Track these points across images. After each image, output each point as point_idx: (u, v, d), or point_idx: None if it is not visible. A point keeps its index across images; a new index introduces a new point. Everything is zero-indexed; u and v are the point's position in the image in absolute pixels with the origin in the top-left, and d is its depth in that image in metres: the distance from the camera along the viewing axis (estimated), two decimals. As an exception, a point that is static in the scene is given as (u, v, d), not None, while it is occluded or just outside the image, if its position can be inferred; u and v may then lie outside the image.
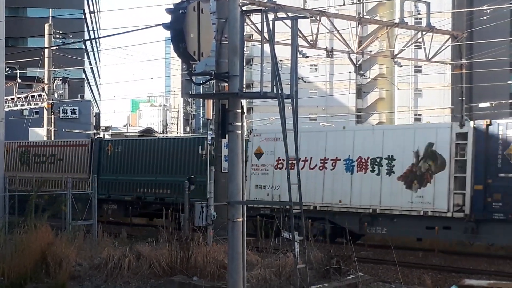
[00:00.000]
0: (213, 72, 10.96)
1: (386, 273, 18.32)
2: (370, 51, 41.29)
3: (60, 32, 44.49)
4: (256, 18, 24.89)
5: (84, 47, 73.57)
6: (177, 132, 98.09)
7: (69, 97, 57.69)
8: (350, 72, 55.76)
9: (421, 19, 45.77)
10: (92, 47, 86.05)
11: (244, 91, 10.21)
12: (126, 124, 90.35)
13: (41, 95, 43.82)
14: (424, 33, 30.26)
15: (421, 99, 71.92)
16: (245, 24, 20.58)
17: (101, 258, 15.31)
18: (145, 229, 28.34)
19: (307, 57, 28.15)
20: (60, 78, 48.48)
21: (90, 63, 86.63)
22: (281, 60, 20.99)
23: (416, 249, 22.86)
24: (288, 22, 10.70)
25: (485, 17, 43.25)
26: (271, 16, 10.36)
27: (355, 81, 70.51)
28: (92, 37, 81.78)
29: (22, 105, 45.17)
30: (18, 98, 44.86)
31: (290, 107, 10.06)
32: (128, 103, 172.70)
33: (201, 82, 11.22)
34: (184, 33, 9.25)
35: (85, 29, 76.23)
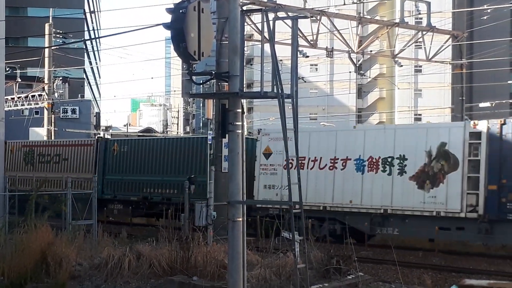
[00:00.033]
0: (213, 72, 10.96)
1: (386, 273, 18.31)
2: (371, 51, 41.27)
3: (61, 31, 44.44)
4: (257, 17, 24.94)
5: (84, 47, 73.53)
6: (177, 132, 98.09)
7: (69, 96, 57.66)
8: (350, 72, 55.78)
9: (421, 18, 45.80)
10: (93, 47, 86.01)
11: (244, 90, 10.21)
12: (126, 124, 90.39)
13: (41, 95, 43.80)
14: (424, 33, 30.30)
15: (421, 99, 71.89)
16: (246, 23, 20.57)
17: (101, 258, 15.31)
18: (145, 229, 28.32)
19: (308, 56, 28.15)
20: (60, 78, 48.46)
21: (90, 63, 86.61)
22: (281, 60, 20.95)
23: (416, 249, 22.82)
24: (289, 21, 10.71)
25: (485, 17, 43.24)
26: (271, 15, 10.36)
27: (355, 80, 70.46)
28: (93, 36, 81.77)
29: (23, 104, 45.18)
30: (19, 97, 44.87)
31: (290, 107, 10.06)
32: (128, 103, 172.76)
33: (201, 81, 11.20)
34: (185, 32, 9.25)
35: (86, 28, 76.16)
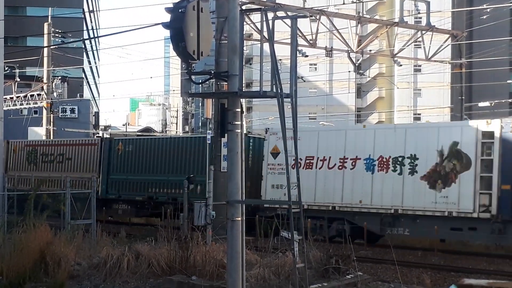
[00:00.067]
0: (212, 71, 10.93)
1: (385, 273, 18.30)
2: (370, 50, 41.35)
3: (60, 31, 44.44)
4: (256, 17, 24.91)
5: (83, 46, 73.53)
6: (176, 132, 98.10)
7: (68, 96, 57.81)
8: (349, 71, 55.81)
9: (420, 18, 45.79)
10: (92, 46, 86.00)
11: (243, 90, 10.19)
12: (125, 124, 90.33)
13: (40, 94, 43.81)
14: (423, 32, 30.29)
15: (420, 98, 71.83)
16: (245, 23, 20.57)
17: (100, 258, 15.30)
18: (144, 228, 28.29)
19: (307, 56, 28.14)
20: (59, 77, 48.50)
21: (89, 62, 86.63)
22: (280, 59, 20.96)
23: (415, 248, 22.82)
24: (288, 21, 10.70)
25: (484, 16, 43.20)
26: (270, 15, 10.34)
27: (355, 80, 70.39)
28: (92, 36, 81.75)
29: (21, 104, 45.21)
30: (17, 97, 44.90)
31: (289, 106, 10.04)
32: (127, 103, 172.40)
33: (200, 81, 11.18)
34: (184, 32, 9.24)
35: (85, 28, 76.17)
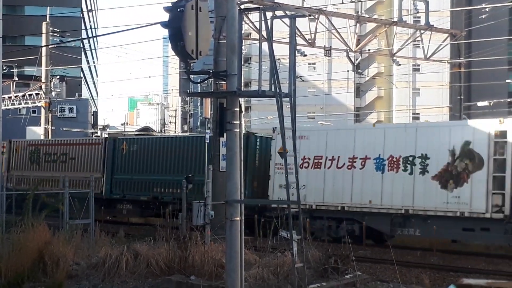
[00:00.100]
0: (211, 71, 10.93)
1: (384, 272, 18.27)
2: (369, 50, 41.28)
3: (58, 30, 44.42)
4: (255, 16, 24.81)
5: (81, 46, 73.44)
6: (175, 131, 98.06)
7: (67, 95, 57.72)
8: (348, 71, 55.66)
9: (419, 17, 45.71)
10: (90, 46, 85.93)
11: (242, 89, 10.18)
12: (124, 123, 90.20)
13: (39, 94, 43.77)
14: (422, 31, 30.29)
15: (419, 97, 71.80)
16: (244, 22, 20.55)
17: (99, 257, 15.28)
18: (142, 228, 28.25)
19: (305, 55, 28.12)
20: (58, 77, 48.44)
21: (87, 62, 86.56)
22: (279, 59, 20.95)
23: (414, 248, 22.81)
24: (287, 20, 10.68)
25: (483, 16, 43.20)
26: (269, 14, 10.32)
27: (354, 79, 70.42)
28: (90, 35, 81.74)
29: (20, 103, 45.16)
30: (16, 96, 44.85)
31: (288, 106, 10.03)
32: (125, 102, 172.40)
33: (199, 80, 11.17)
34: (182, 31, 9.22)
35: (83, 27, 76.12)
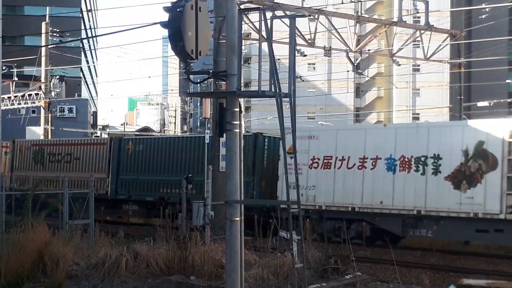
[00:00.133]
0: (211, 71, 10.91)
1: (384, 273, 18.26)
2: (369, 50, 41.28)
3: (57, 30, 44.41)
4: (254, 16, 24.83)
5: (81, 46, 73.46)
6: (175, 131, 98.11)
7: (66, 95, 57.78)
8: (348, 71, 55.60)
9: (419, 17, 45.71)
10: (90, 46, 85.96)
11: (242, 89, 10.16)
12: (124, 123, 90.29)
13: (38, 94, 43.76)
14: (422, 31, 30.28)
15: (419, 98, 71.79)
16: (243, 22, 20.53)
17: (98, 258, 15.26)
18: (142, 228, 28.23)
19: (305, 55, 28.11)
20: (57, 77, 48.43)
21: (87, 62, 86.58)
22: (279, 59, 20.92)
23: (414, 248, 22.80)
24: (286, 20, 10.66)
25: (483, 16, 43.26)
26: (269, 14, 10.30)
27: (353, 80, 70.43)
28: (90, 35, 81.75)
29: (19, 103, 45.14)
30: (15, 96, 44.84)
31: (288, 106, 10.01)
32: (125, 102, 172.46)
33: (198, 80, 11.16)
34: (182, 31, 9.21)
35: (83, 27, 76.13)
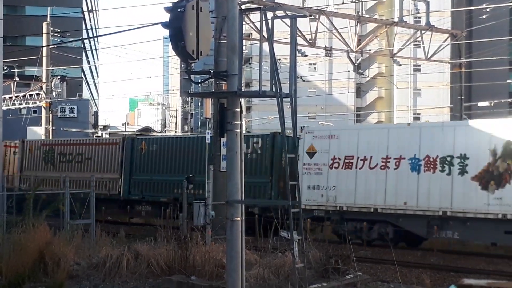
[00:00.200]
0: (211, 71, 10.93)
1: (384, 273, 18.26)
2: (369, 50, 41.34)
3: (59, 30, 44.43)
4: (255, 16, 24.89)
5: (82, 46, 73.49)
6: (176, 131, 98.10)
7: (67, 96, 57.70)
8: (349, 71, 55.66)
9: (420, 18, 45.78)
10: (91, 46, 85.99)
11: (242, 90, 10.18)
12: (125, 123, 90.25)
13: (39, 94, 43.78)
14: (423, 32, 30.29)
15: (420, 98, 71.82)
16: (244, 22, 20.56)
17: (99, 258, 15.27)
18: (143, 228, 28.26)
19: (306, 56, 28.14)
20: (58, 77, 48.44)
21: (88, 62, 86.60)
22: (280, 59, 20.97)
23: (414, 248, 22.82)
24: (287, 20, 10.69)
25: (484, 16, 43.28)
26: (270, 14, 10.32)
27: (354, 80, 70.48)
28: (91, 35, 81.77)
29: (20, 103, 45.19)
30: (16, 96, 44.88)
31: (289, 106, 10.03)
32: (126, 102, 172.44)
33: (199, 81, 11.19)
34: (183, 31, 9.22)
35: (84, 27, 76.16)
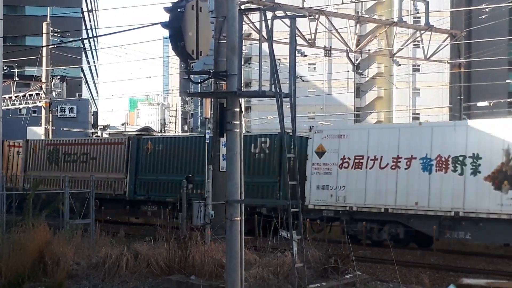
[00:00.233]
0: (211, 71, 10.94)
1: (384, 272, 18.28)
2: (369, 50, 41.34)
3: (58, 30, 44.43)
4: (255, 16, 24.90)
5: (82, 46, 73.48)
6: (175, 131, 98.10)
7: (67, 95, 57.68)
8: (348, 71, 55.73)
9: (419, 18, 45.74)
10: (90, 46, 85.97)
11: (242, 90, 10.19)
12: (124, 123, 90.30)
13: (39, 94, 43.80)
14: (422, 32, 30.32)
15: (419, 98, 71.84)
16: (244, 23, 20.58)
17: (99, 257, 15.27)
18: (142, 228, 28.27)
19: (306, 55, 28.15)
20: (58, 77, 48.48)
21: (88, 62, 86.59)
22: (279, 59, 20.98)
23: (414, 248, 22.84)
24: (287, 21, 10.71)
25: (483, 16, 43.22)
26: (269, 14, 10.34)
27: (354, 80, 70.48)
28: (90, 35, 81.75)
29: (20, 103, 45.20)
30: (16, 96, 44.89)
31: (288, 106, 10.05)
32: (126, 102, 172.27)
33: (199, 80, 11.20)
34: (183, 31, 9.24)
35: (83, 27, 76.15)
